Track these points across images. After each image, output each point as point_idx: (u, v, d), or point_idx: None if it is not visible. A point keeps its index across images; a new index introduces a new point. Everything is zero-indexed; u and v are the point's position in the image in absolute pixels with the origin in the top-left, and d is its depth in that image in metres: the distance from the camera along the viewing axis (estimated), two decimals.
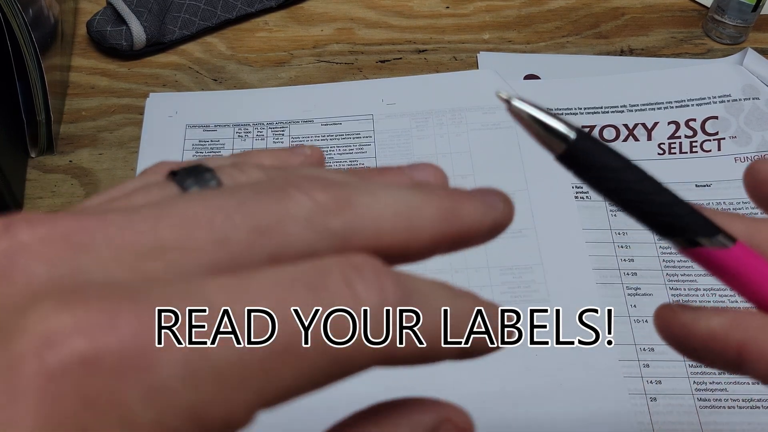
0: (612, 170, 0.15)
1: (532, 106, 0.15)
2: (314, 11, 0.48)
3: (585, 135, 0.15)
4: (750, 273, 0.16)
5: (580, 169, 0.15)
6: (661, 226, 0.16)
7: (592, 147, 0.15)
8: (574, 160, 0.15)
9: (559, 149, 0.15)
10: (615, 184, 0.16)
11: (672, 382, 0.32)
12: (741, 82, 0.42)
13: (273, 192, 0.13)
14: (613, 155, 0.15)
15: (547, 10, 0.48)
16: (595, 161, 0.15)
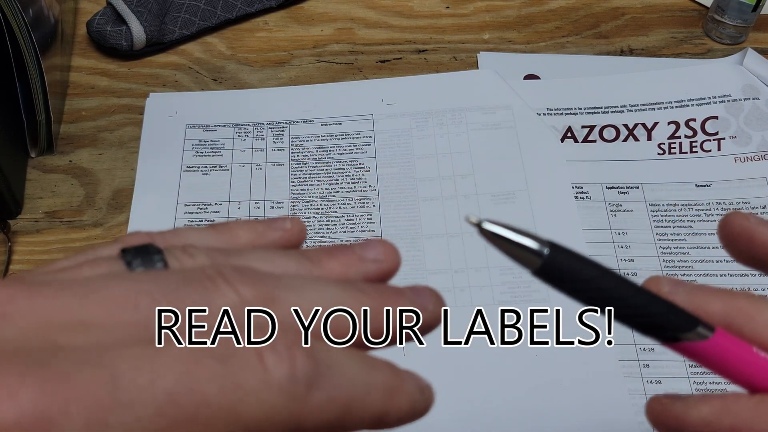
0: (588, 280, 0.16)
1: (502, 227, 0.15)
2: (314, 11, 0.48)
3: (558, 248, 0.15)
4: (732, 358, 0.17)
5: (557, 282, 0.16)
6: (642, 327, 0.16)
7: (566, 260, 0.16)
8: (550, 274, 0.16)
9: (534, 265, 0.15)
10: (592, 293, 0.16)
11: (672, 382, 0.32)
12: (741, 82, 0.42)
13: (202, 282, 0.13)
14: (588, 265, 0.16)
15: (547, 10, 0.48)
16: (570, 273, 0.16)
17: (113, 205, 0.39)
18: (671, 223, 0.37)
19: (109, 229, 0.38)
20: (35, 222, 0.38)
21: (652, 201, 0.38)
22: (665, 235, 0.36)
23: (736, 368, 0.17)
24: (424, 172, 0.39)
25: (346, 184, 0.39)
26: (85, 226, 0.38)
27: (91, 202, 0.39)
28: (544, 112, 0.41)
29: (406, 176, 0.39)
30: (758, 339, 0.17)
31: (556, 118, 0.41)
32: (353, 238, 0.37)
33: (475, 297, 0.35)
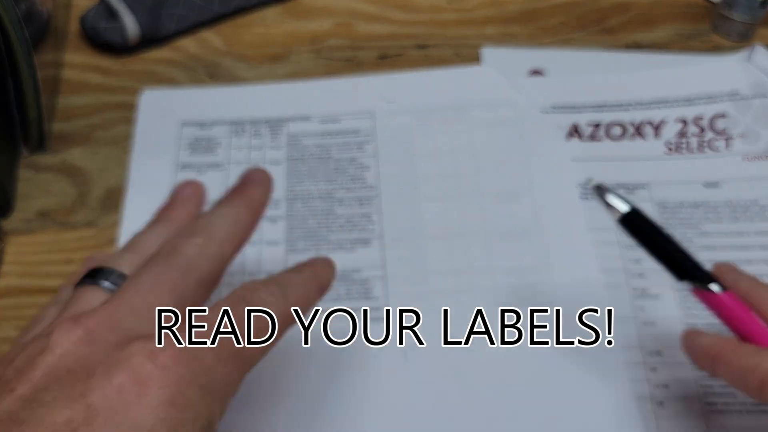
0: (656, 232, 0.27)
1: (608, 192, 0.26)
2: (312, 5, 0.47)
3: (636, 212, 0.26)
4: (732, 313, 0.26)
5: (632, 232, 0.26)
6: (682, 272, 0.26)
7: (639, 220, 0.26)
8: (628, 224, 0.26)
9: (617, 216, 0.26)
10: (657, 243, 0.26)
11: (679, 386, 0.32)
12: (749, 79, 0.41)
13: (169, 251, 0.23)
14: (655, 229, 0.26)
15: (552, 5, 0.47)
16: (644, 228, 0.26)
17: (107, 204, 0.38)
18: (679, 223, 0.36)
19: (102, 229, 0.37)
20: (27, 222, 0.37)
21: (659, 201, 0.37)
22: (673, 236, 0.36)
23: (732, 320, 0.26)
24: (425, 170, 0.38)
25: (346, 183, 0.38)
26: (77, 227, 0.37)
27: (84, 202, 0.38)
28: (548, 110, 0.41)
29: (407, 175, 0.38)
30: (760, 311, 0.26)
31: (561, 115, 0.41)
32: (352, 238, 0.36)
33: (477, 298, 0.34)
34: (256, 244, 0.36)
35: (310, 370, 0.32)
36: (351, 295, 0.34)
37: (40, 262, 0.36)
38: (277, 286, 0.22)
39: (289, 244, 0.36)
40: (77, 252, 0.36)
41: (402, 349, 0.33)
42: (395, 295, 0.34)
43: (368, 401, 0.31)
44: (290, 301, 0.22)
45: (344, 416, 0.31)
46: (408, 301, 0.34)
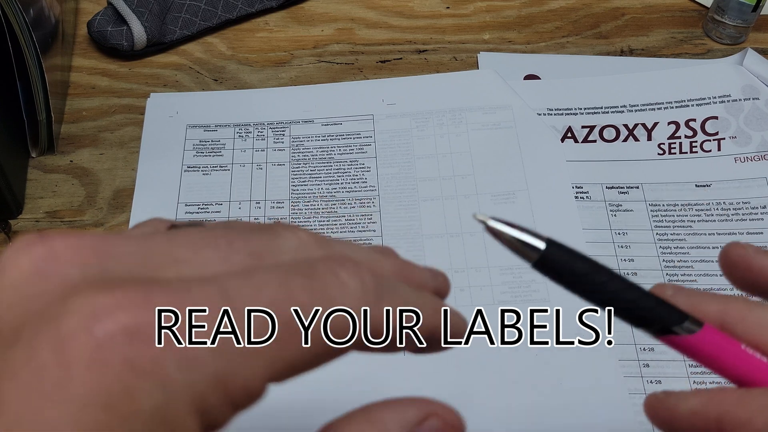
0: (581, 274, 0.17)
1: (504, 224, 0.17)
2: (315, 11, 0.48)
3: (554, 244, 0.17)
4: (719, 352, 0.18)
5: (553, 274, 0.17)
6: (633, 319, 0.18)
7: (561, 255, 0.17)
8: (547, 267, 0.17)
9: (532, 259, 0.17)
10: (586, 287, 0.17)
11: (672, 382, 0.32)
12: (741, 82, 0.42)
13: (270, 228, 0.16)
14: (582, 260, 0.17)
15: (548, 11, 0.48)
16: (565, 267, 0.17)
17: (114, 205, 0.39)
18: (671, 223, 0.37)
19: (109, 229, 0.38)
20: (36, 222, 0.38)
21: (652, 201, 0.38)
22: (665, 235, 0.37)
23: (723, 362, 0.18)
24: (424, 172, 0.39)
25: (347, 184, 0.39)
26: (85, 226, 0.38)
27: (92, 202, 0.39)
28: (544, 112, 0.42)
29: (407, 176, 0.39)
30: (748, 337, 0.18)
31: (556, 118, 0.41)
32: (353, 238, 0.37)
33: (475, 297, 0.35)
34: None
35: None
36: None
37: None
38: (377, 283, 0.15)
39: None
40: None
41: None
42: None
43: (368, 397, 0.32)
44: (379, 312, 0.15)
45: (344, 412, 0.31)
46: None
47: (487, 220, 0.17)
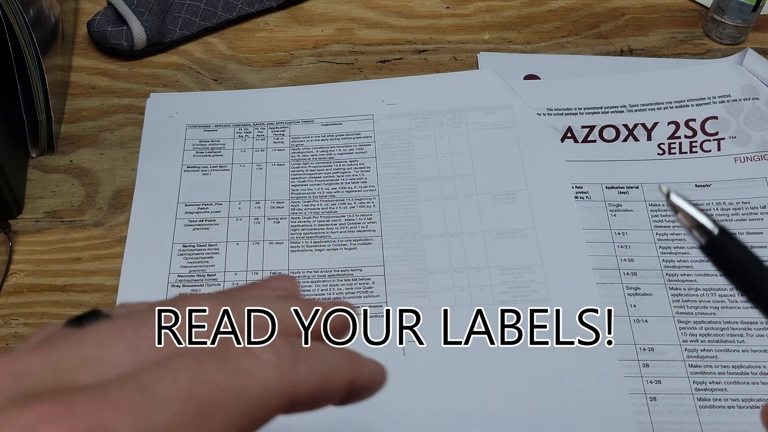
0: (744, 264, 0.18)
1: (686, 202, 0.18)
2: (315, 11, 0.48)
3: (726, 233, 0.18)
4: None
5: (718, 260, 0.19)
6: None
7: (731, 243, 0.18)
8: (715, 251, 0.18)
9: (703, 240, 0.18)
10: (746, 278, 0.18)
11: (672, 382, 0.32)
12: (741, 82, 0.42)
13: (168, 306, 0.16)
14: (747, 253, 0.18)
15: (547, 11, 0.48)
16: (731, 255, 0.18)
17: (114, 204, 0.39)
18: (671, 223, 0.37)
19: (109, 228, 0.38)
20: (36, 222, 0.38)
21: (651, 201, 0.38)
22: (665, 235, 0.37)
23: None
24: (424, 172, 0.39)
25: (347, 184, 0.39)
26: (86, 226, 0.38)
27: (92, 202, 0.39)
28: (544, 112, 0.42)
29: (407, 176, 0.39)
30: None
31: (556, 118, 0.41)
32: (353, 237, 0.37)
33: (475, 297, 0.35)
34: (259, 243, 0.37)
35: None
36: (352, 293, 0.35)
37: (48, 261, 0.36)
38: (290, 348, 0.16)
39: (293, 244, 0.37)
40: (85, 251, 0.37)
41: (402, 348, 0.33)
42: (394, 292, 0.35)
43: None
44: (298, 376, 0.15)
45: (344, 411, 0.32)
46: (407, 299, 0.35)
47: (671, 194, 0.18)
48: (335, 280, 0.35)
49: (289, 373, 0.15)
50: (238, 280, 0.36)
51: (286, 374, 0.15)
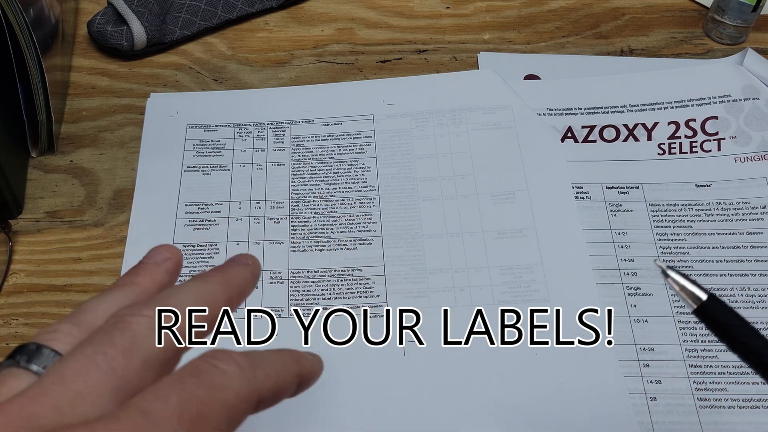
0: (732, 326, 0.21)
1: (679, 275, 0.22)
2: (315, 11, 0.48)
3: (715, 298, 0.21)
4: None
5: (708, 321, 0.21)
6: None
7: (719, 308, 0.21)
8: (705, 315, 0.21)
9: (694, 305, 0.21)
10: (734, 336, 0.21)
11: (672, 382, 0.32)
12: (741, 82, 0.42)
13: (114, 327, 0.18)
14: (734, 315, 0.21)
15: (548, 11, 0.48)
16: (720, 318, 0.21)
17: (114, 204, 0.39)
18: (671, 223, 0.37)
19: (109, 228, 0.38)
20: (36, 222, 0.38)
21: (652, 201, 0.38)
22: (665, 235, 0.37)
23: None
24: (424, 172, 0.39)
25: (347, 184, 0.39)
26: (86, 226, 0.38)
27: (92, 202, 0.39)
28: (544, 112, 0.42)
29: (407, 176, 0.39)
30: None
31: (556, 118, 0.41)
32: (353, 237, 0.37)
33: (475, 297, 0.35)
34: (260, 243, 0.37)
35: None
36: (352, 293, 0.35)
37: (48, 261, 0.36)
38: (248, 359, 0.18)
39: (293, 244, 0.37)
40: (85, 251, 0.37)
41: (402, 349, 0.33)
42: (395, 292, 0.35)
43: (368, 398, 0.32)
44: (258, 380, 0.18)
45: (344, 411, 0.32)
46: (407, 299, 0.35)
47: (666, 269, 0.22)
48: (335, 280, 0.35)
49: (252, 380, 0.18)
50: None
51: (250, 381, 0.18)
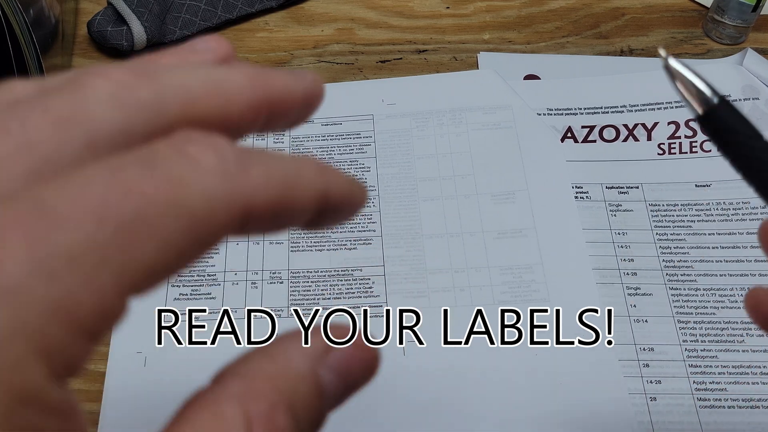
0: (742, 135, 0.17)
1: (685, 67, 0.17)
2: (315, 11, 0.48)
3: (726, 102, 0.17)
4: None
5: (714, 131, 0.17)
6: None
7: (729, 114, 0.17)
8: (712, 122, 0.17)
9: (700, 109, 0.17)
10: (741, 150, 0.17)
11: (672, 382, 0.32)
12: (741, 82, 0.42)
13: (68, 85, 0.12)
14: (747, 124, 0.17)
15: (548, 11, 0.48)
16: (729, 126, 0.17)
17: None
18: (671, 223, 0.37)
19: None
20: None
21: (651, 201, 0.38)
22: (665, 235, 0.37)
23: None
24: (424, 172, 0.39)
25: None
26: None
27: None
28: (544, 112, 0.42)
29: (407, 176, 0.39)
30: None
31: (556, 118, 0.41)
32: (353, 238, 0.37)
33: (475, 297, 0.35)
34: (259, 243, 0.37)
35: None
36: (352, 293, 0.35)
37: None
38: (239, 152, 0.12)
39: (293, 244, 0.37)
40: None
41: (402, 348, 0.33)
42: (394, 292, 0.35)
43: (368, 398, 0.32)
44: (249, 183, 0.12)
45: (344, 411, 0.32)
46: (407, 299, 0.35)
47: (668, 58, 0.17)
48: (335, 280, 0.35)
49: (238, 179, 0.12)
50: (239, 279, 0.36)
51: (235, 179, 0.12)
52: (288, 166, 0.13)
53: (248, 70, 0.14)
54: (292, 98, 0.14)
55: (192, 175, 0.11)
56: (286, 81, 0.14)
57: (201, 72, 0.13)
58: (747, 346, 0.33)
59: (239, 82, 0.13)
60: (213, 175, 0.11)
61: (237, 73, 0.13)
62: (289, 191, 0.12)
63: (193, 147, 0.11)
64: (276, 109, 0.14)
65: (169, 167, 0.11)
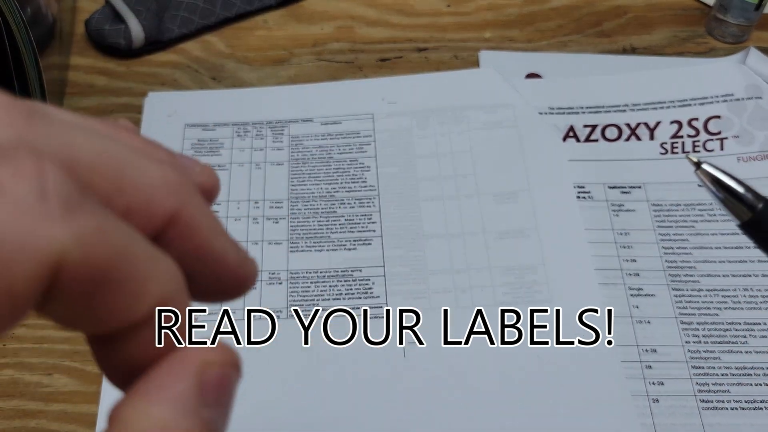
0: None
1: (721, 172, 0.15)
2: (314, 9, 0.48)
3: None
4: None
5: (762, 238, 0.15)
6: None
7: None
8: (759, 228, 0.15)
9: (744, 216, 0.15)
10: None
11: (674, 384, 0.32)
12: (744, 81, 0.41)
13: None
14: None
15: (549, 9, 0.48)
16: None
17: None
18: (674, 223, 0.37)
19: None
20: None
21: (654, 201, 0.38)
22: (668, 236, 0.36)
23: None
24: (424, 171, 0.39)
25: (346, 183, 0.39)
26: None
27: None
28: (545, 111, 0.41)
29: (407, 176, 0.39)
30: None
31: (558, 117, 0.41)
32: (353, 238, 0.37)
33: (476, 298, 0.34)
34: (258, 243, 0.37)
35: (313, 368, 0.32)
36: (352, 294, 0.35)
37: None
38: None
39: (292, 244, 0.37)
40: None
41: (402, 349, 0.33)
42: (395, 293, 0.35)
43: (368, 398, 0.32)
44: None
45: (345, 412, 0.31)
46: (407, 300, 0.34)
47: (702, 163, 0.15)
48: (335, 280, 0.35)
49: (56, 224, 0.09)
50: None
51: (49, 223, 0.09)
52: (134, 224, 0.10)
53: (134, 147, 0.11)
54: None
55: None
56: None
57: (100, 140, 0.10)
58: (750, 347, 0.33)
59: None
60: (22, 213, 0.08)
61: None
62: (121, 260, 0.09)
63: (6, 170, 0.09)
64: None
65: None
